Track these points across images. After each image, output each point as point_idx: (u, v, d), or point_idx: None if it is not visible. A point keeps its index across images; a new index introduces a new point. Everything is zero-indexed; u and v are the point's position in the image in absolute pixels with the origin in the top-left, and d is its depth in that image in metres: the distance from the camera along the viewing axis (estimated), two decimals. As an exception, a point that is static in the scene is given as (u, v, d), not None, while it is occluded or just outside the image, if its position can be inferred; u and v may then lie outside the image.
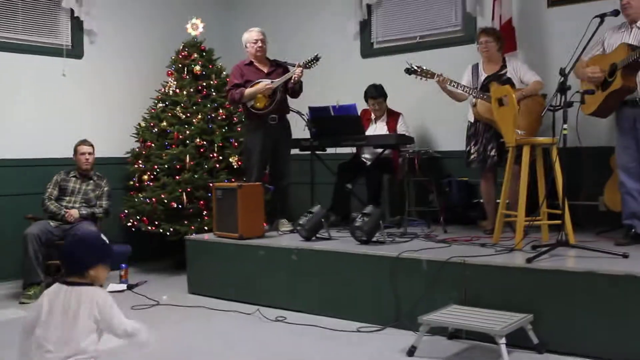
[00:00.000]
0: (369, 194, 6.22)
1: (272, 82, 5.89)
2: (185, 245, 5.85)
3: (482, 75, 5.59)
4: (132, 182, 6.78)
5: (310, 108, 6.08)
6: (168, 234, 6.33)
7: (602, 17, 4.47)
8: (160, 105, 6.88)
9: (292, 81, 5.93)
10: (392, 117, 6.45)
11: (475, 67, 5.67)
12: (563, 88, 4.22)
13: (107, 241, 2.94)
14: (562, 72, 4.26)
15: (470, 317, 3.82)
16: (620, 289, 3.62)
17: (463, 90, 5.53)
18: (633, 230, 4.68)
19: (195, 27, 7.12)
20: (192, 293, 5.69)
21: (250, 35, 6.09)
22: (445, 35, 6.79)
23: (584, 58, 4.66)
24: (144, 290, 5.69)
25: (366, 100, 6.49)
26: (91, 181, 6.19)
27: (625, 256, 4.03)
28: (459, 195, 6.18)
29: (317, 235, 5.35)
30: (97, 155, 6.29)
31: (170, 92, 6.88)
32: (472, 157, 5.58)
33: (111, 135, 6.96)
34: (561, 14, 6.01)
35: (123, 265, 5.94)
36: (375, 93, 6.40)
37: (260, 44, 6.06)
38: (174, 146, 6.55)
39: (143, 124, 6.91)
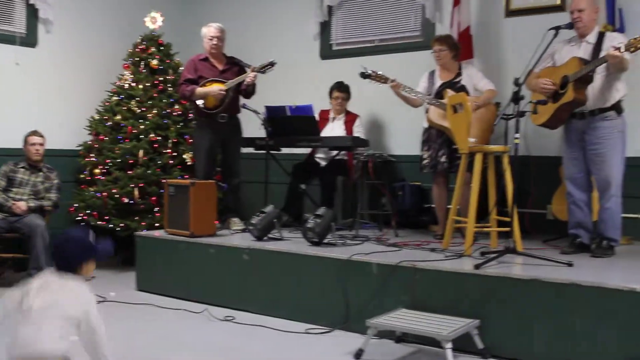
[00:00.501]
0: (322, 195, 6.24)
1: (225, 86, 5.86)
2: (135, 242, 5.78)
3: (438, 82, 5.65)
4: (83, 176, 6.67)
5: (266, 107, 6.06)
6: (118, 229, 6.24)
7: (556, 29, 4.55)
8: (115, 98, 6.78)
9: (244, 84, 5.90)
10: (350, 117, 6.48)
11: (432, 74, 5.73)
12: (517, 98, 4.28)
13: (94, 237, 3.00)
14: (516, 82, 4.32)
15: (417, 321, 3.85)
16: (564, 296, 3.69)
17: (416, 96, 5.59)
18: (578, 239, 4.77)
19: (154, 21, 7.04)
20: (140, 290, 5.63)
21: (208, 30, 6.04)
22: (404, 40, 6.84)
23: (535, 70, 4.74)
24: (91, 286, 5.58)
25: (330, 94, 6.52)
26: (41, 173, 6.08)
27: (569, 265, 4.11)
28: (412, 200, 6.23)
29: (269, 236, 5.33)
30: (48, 147, 6.18)
31: (126, 85, 6.79)
32: (424, 162, 5.64)
33: (63, 127, 6.84)
34: (518, 25, 6.11)
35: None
36: (343, 87, 6.47)
37: (215, 42, 6.01)
38: (127, 140, 6.47)
39: (97, 117, 6.81)
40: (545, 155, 5.70)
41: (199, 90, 5.88)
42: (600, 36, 4.68)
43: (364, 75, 5.68)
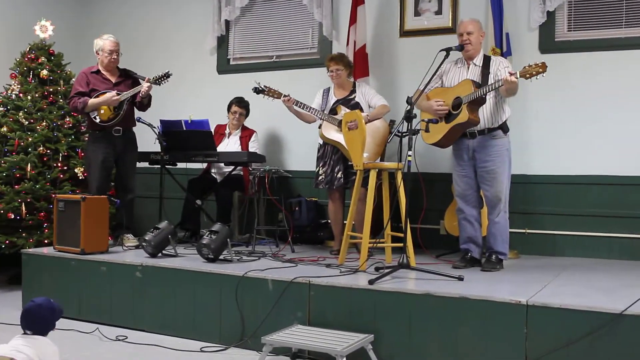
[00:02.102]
0: (218, 211, 6.18)
1: (118, 94, 5.70)
2: (22, 259, 5.53)
3: (332, 99, 5.73)
4: (-35, 190, 6.34)
5: (161, 121, 5.96)
6: (3, 246, 5.95)
7: (447, 50, 4.71)
8: (1, 109, 6.48)
9: (140, 95, 5.77)
10: (246, 133, 6.47)
11: (327, 91, 5.81)
12: (409, 116, 4.38)
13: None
14: (409, 101, 4.44)
15: (313, 338, 3.85)
16: (454, 310, 3.79)
17: (309, 112, 5.64)
18: (469, 254, 4.93)
19: (44, 30, 6.77)
20: (26, 310, 5.38)
21: (105, 44, 5.82)
22: (301, 57, 6.92)
23: (425, 90, 4.88)
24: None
25: (229, 108, 6.48)
26: None
27: (460, 279, 4.23)
28: (308, 215, 6.27)
29: (164, 252, 5.22)
30: None
31: (13, 95, 6.51)
32: (320, 178, 5.69)
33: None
34: (411, 45, 6.30)
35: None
36: (243, 103, 6.46)
37: (115, 56, 5.82)
38: (14, 153, 6.20)
39: (-20, 128, 6.49)
40: (436, 172, 5.88)
41: (92, 101, 5.68)
42: (487, 59, 4.88)
43: (257, 90, 5.71)
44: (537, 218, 5.82)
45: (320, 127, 5.64)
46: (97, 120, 5.69)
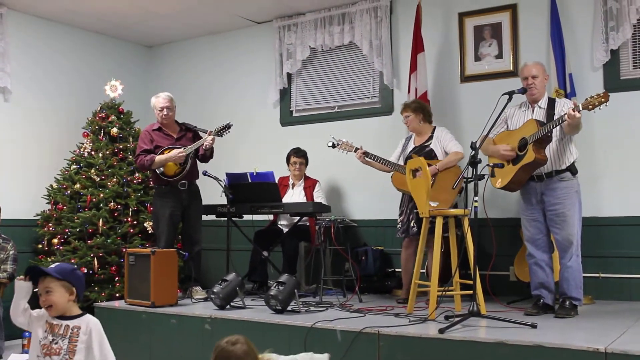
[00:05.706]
0: (284, 261, 6.19)
1: (184, 148, 5.85)
2: (94, 313, 5.64)
3: (410, 147, 5.75)
4: (41, 246, 6.55)
5: (227, 174, 6.06)
6: (77, 300, 6.09)
7: (510, 94, 4.68)
8: (74, 166, 6.72)
9: (203, 148, 5.90)
10: (309, 183, 6.51)
11: (408, 139, 5.84)
12: (474, 161, 4.35)
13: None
14: (473, 146, 4.40)
15: (383, 389, 3.80)
16: (528, 359, 3.68)
17: (380, 163, 5.65)
18: (542, 300, 4.80)
19: (114, 89, 7.05)
20: (99, 363, 5.47)
21: (157, 101, 6.01)
22: (363, 106, 6.95)
23: (490, 135, 4.85)
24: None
25: (288, 161, 6.54)
26: (-4, 244, 5.94)
27: (533, 326, 4.11)
28: (375, 265, 6.23)
29: (232, 304, 5.25)
30: (4, 217, 6.05)
31: (85, 153, 6.75)
32: (398, 226, 5.68)
33: (20, 196, 6.75)
34: (473, 90, 6.27)
35: (26, 334, 5.66)
36: (300, 152, 6.50)
37: (166, 112, 5.98)
38: (86, 209, 6.39)
39: (55, 186, 6.72)
40: (504, 217, 5.78)
41: (159, 158, 5.85)
42: (551, 101, 4.84)
43: (333, 146, 5.78)
44: (611, 261, 5.63)
45: (392, 176, 5.64)
46: (162, 172, 5.83)
